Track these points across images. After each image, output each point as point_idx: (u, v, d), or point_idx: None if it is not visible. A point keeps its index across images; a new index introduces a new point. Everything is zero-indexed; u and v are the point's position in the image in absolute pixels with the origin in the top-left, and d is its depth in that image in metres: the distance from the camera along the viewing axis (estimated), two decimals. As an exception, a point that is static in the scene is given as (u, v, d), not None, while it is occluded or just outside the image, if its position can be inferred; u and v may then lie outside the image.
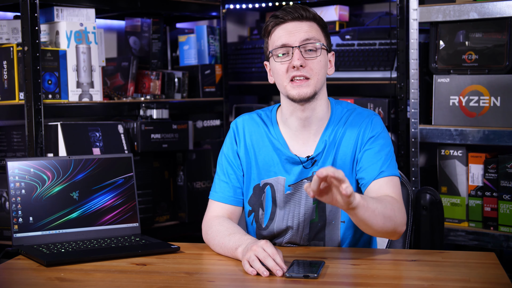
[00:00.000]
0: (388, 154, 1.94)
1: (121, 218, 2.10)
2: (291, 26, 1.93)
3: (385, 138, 1.97)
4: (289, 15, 1.92)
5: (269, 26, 1.96)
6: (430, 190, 2.14)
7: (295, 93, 1.91)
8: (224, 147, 2.07)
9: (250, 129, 2.04)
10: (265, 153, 2.01)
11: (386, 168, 1.92)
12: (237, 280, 1.70)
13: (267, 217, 2.01)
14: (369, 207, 1.74)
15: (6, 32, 2.86)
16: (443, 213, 2.16)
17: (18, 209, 1.98)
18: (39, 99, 2.65)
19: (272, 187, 2.00)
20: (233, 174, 2.03)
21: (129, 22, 3.35)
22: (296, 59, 1.89)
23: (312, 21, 1.94)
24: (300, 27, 1.92)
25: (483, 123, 2.79)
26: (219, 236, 1.91)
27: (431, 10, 2.86)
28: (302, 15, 1.92)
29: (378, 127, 1.97)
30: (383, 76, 3.12)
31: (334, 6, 3.49)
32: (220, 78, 3.46)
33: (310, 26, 1.93)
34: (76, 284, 1.67)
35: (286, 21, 1.93)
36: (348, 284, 1.65)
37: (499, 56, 2.76)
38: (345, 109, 2.01)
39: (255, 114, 2.07)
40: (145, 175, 3.02)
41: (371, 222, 1.77)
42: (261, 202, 2.02)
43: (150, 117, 3.05)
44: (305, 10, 1.94)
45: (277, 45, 1.92)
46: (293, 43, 1.91)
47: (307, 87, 1.90)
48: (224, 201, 2.03)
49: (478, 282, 1.63)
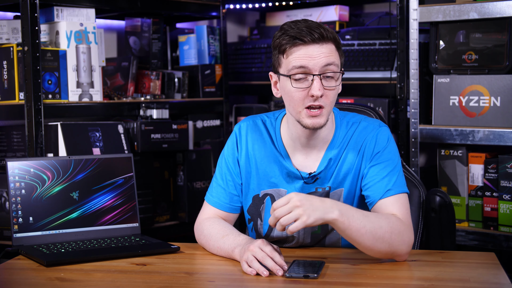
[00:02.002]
0: (394, 170, 1.88)
1: (121, 218, 2.10)
2: (311, 49, 1.80)
3: (391, 152, 1.91)
4: (309, 37, 1.79)
5: (286, 44, 1.82)
6: (439, 192, 2.12)
7: (309, 123, 1.83)
8: (226, 150, 2.03)
9: (253, 136, 1.99)
10: (266, 163, 1.96)
11: (393, 186, 1.86)
12: (237, 280, 1.69)
13: (266, 227, 1.99)
14: (352, 225, 1.71)
15: (6, 32, 2.86)
16: (454, 215, 2.13)
17: (18, 209, 1.98)
18: (39, 99, 2.65)
19: (272, 198, 1.96)
20: (231, 181, 2.00)
21: (129, 22, 3.35)
22: (317, 90, 1.79)
23: (330, 42, 1.82)
24: (321, 51, 1.80)
25: (483, 123, 2.79)
26: (212, 239, 1.90)
27: (431, 10, 2.86)
28: (322, 36, 1.80)
29: (384, 141, 1.91)
30: (383, 76, 3.12)
31: (334, 6, 3.49)
32: (220, 78, 3.46)
33: (330, 49, 1.82)
34: (76, 284, 1.67)
35: (306, 43, 1.80)
36: (348, 284, 1.65)
37: (499, 56, 2.76)
38: (350, 123, 1.95)
39: (260, 120, 2.01)
40: (145, 175, 3.02)
41: (356, 240, 1.74)
42: (259, 212, 1.99)
43: (150, 117, 3.05)
44: (325, 30, 1.82)
45: (295, 66, 1.81)
46: (313, 69, 1.80)
47: (321, 117, 1.83)
48: (219, 207, 2.01)
49: (478, 282, 1.63)
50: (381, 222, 1.76)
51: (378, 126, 1.93)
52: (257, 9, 3.85)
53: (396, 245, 1.76)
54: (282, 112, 2.02)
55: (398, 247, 1.77)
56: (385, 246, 1.75)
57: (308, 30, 1.80)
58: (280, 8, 3.73)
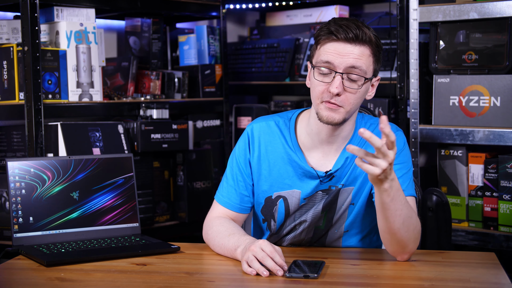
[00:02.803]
0: (406, 174, 1.90)
1: (121, 218, 2.10)
2: (341, 47, 1.80)
3: (405, 156, 1.92)
4: (343, 34, 1.79)
5: (322, 36, 1.83)
6: (436, 191, 2.13)
7: (324, 115, 1.84)
8: (237, 150, 2.02)
9: (266, 138, 1.98)
10: (280, 165, 1.96)
11: (405, 188, 1.88)
12: (237, 280, 1.70)
13: (279, 225, 2.01)
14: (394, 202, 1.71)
15: (6, 32, 2.86)
16: (450, 214, 2.15)
17: (18, 209, 1.98)
18: (39, 99, 2.65)
19: (285, 200, 1.96)
20: (242, 181, 2.00)
21: (129, 22, 3.35)
22: (335, 87, 1.79)
23: (366, 45, 1.81)
24: (351, 51, 1.80)
25: (483, 123, 2.79)
26: (219, 236, 1.91)
27: (431, 10, 2.86)
28: (357, 37, 1.79)
29: (400, 145, 1.92)
30: (383, 76, 3.12)
31: (334, 6, 3.49)
32: (220, 78, 3.46)
33: (362, 51, 1.81)
34: (76, 284, 1.67)
35: (338, 39, 1.80)
36: (348, 284, 1.65)
37: (499, 56, 2.76)
38: (368, 124, 1.96)
39: (273, 121, 2.00)
40: (145, 175, 3.02)
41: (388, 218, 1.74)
42: (272, 213, 1.99)
43: (150, 117, 3.05)
44: (361, 30, 1.80)
45: (322, 60, 1.82)
46: (338, 67, 1.80)
47: (338, 114, 1.83)
48: (229, 207, 2.01)
49: (478, 282, 1.63)
50: (413, 214, 1.79)
51: (395, 130, 1.95)
52: (257, 9, 3.85)
53: (413, 240, 1.79)
54: (296, 112, 2.02)
55: (412, 242, 1.80)
56: (406, 236, 1.77)
57: (346, 27, 1.80)
58: (280, 8, 3.73)
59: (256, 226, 2.10)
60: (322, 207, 1.94)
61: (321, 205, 1.94)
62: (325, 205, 1.94)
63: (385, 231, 1.79)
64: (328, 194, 1.94)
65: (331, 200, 1.94)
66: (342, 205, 1.94)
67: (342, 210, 1.95)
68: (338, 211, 1.95)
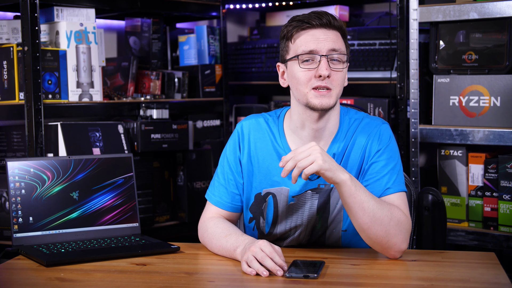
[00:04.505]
0: (394, 168, 1.91)
1: (121, 218, 2.10)
2: (318, 33, 1.87)
3: (392, 151, 1.93)
4: (317, 21, 1.87)
5: (293, 29, 1.90)
6: (432, 190, 2.13)
7: (317, 102, 1.86)
8: (227, 149, 2.04)
9: (256, 135, 2.00)
10: (269, 162, 1.97)
11: (392, 185, 1.88)
12: (237, 280, 1.70)
13: (269, 225, 2.00)
14: (357, 195, 1.75)
15: (6, 32, 2.86)
16: (446, 214, 2.16)
17: (18, 209, 1.98)
18: (39, 99, 2.65)
19: (274, 197, 1.97)
20: (233, 180, 2.01)
21: (129, 22, 3.35)
22: (324, 69, 1.84)
23: (338, 31, 1.90)
24: (327, 35, 1.87)
25: (483, 123, 2.79)
26: (215, 238, 1.91)
27: (431, 10, 2.86)
28: (330, 23, 1.88)
29: (386, 139, 1.93)
30: (383, 76, 3.12)
31: (334, 6, 3.49)
32: (220, 78, 3.46)
33: (336, 35, 1.89)
34: (76, 284, 1.67)
35: (313, 27, 1.88)
36: (348, 284, 1.65)
37: (499, 56, 2.76)
38: (353, 119, 1.97)
39: (262, 119, 2.02)
40: (145, 175, 3.02)
41: (356, 213, 1.76)
42: (261, 210, 1.99)
43: (150, 117, 3.05)
44: (333, 18, 1.89)
45: (304, 51, 1.86)
46: (320, 50, 1.86)
47: (329, 98, 1.86)
48: (221, 206, 2.01)
49: (478, 282, 1.63)
50: (384, 206, 1.79)
51: (381, 123, 1.96)
52: (257, 9, 3.85)
53: (393, 234, 1.78)
54: (284, 109, 2.03)
55: (394, 236, 1.78)
56: (382, 230, 1.77)
57: (316, 15, 1.89)
58: (280, 8, 3.73)
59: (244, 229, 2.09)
60: (317, 209, 1.94)
61: (315, 207, 1.94)
62: (319, 206, 1.94)
63: (358, 228, 1.81)
64: (319, 194, 1.94)
65: (324, 200, 1.94)
66: (336, 205, 1.94)
67: (336, 210, 1.94)
68: (333, 212, 1.95)
